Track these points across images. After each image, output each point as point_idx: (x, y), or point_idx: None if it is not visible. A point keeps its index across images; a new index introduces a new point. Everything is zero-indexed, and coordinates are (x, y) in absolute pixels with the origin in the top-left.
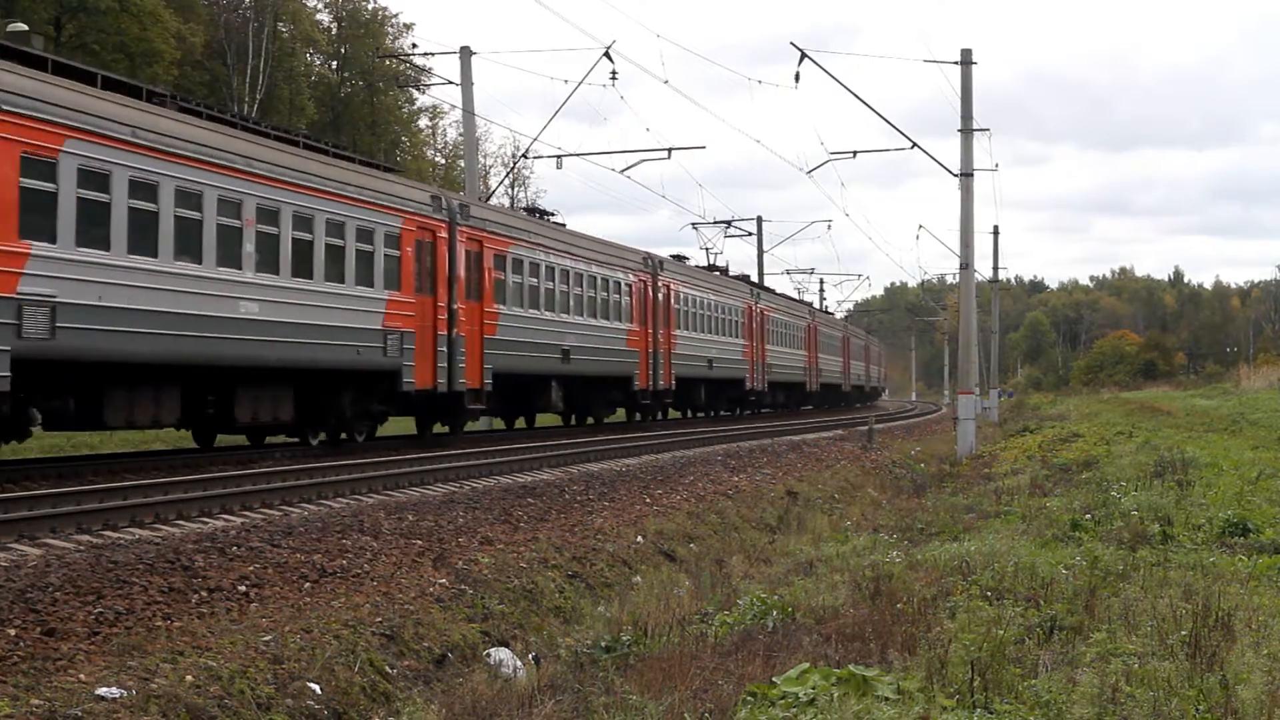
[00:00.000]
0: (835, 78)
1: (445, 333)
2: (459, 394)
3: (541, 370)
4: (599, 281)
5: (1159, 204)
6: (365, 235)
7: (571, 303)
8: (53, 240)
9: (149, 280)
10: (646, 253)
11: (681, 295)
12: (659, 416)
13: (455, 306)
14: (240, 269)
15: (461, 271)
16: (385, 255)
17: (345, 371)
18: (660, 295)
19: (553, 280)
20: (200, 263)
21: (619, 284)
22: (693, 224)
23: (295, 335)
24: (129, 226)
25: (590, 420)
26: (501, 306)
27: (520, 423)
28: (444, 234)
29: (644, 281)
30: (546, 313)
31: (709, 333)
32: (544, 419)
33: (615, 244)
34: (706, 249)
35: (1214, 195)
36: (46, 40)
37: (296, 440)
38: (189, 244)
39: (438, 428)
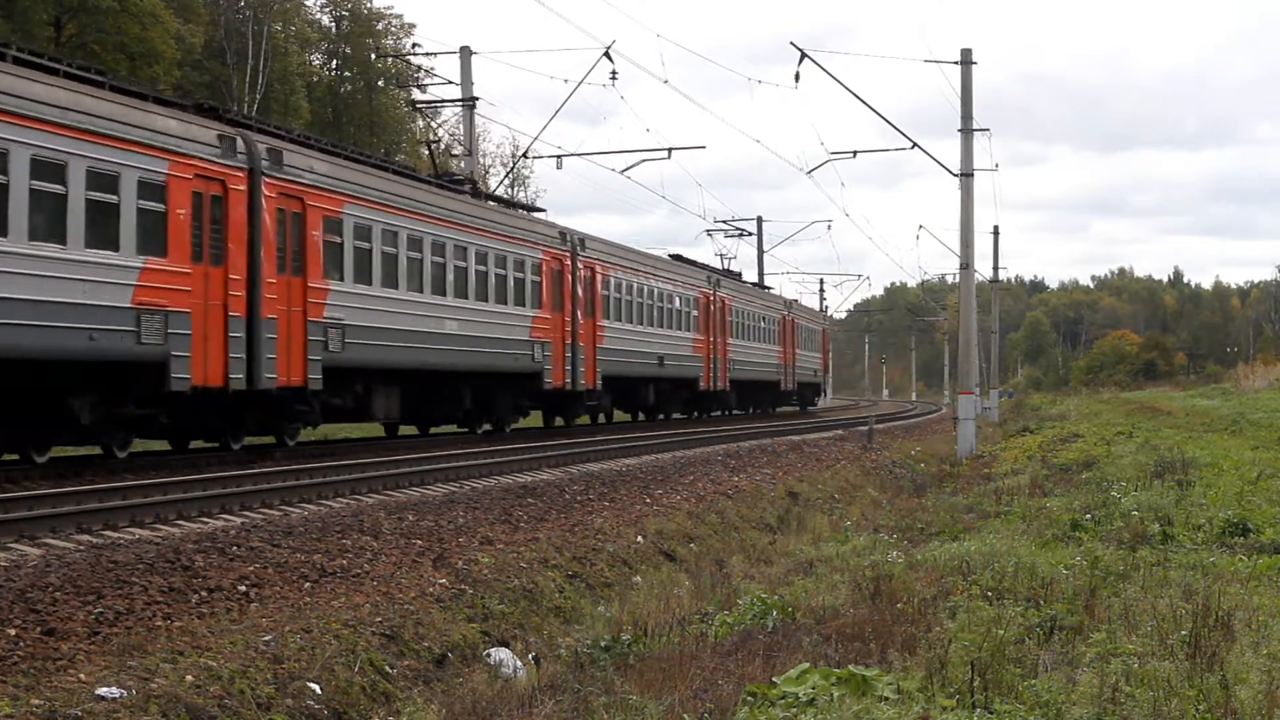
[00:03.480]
0: (835, 77)
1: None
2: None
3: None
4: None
5: (1155, 204)
6: (519, 265)
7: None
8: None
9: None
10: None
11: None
12: (593, 420)
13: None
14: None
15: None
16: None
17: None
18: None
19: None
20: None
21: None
22: (708, 231)
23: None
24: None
25: (429, 428)
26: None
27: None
28: (568, 262)
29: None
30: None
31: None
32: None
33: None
34: (721, 254)
35: (1210, 195)
36: (46, 41)
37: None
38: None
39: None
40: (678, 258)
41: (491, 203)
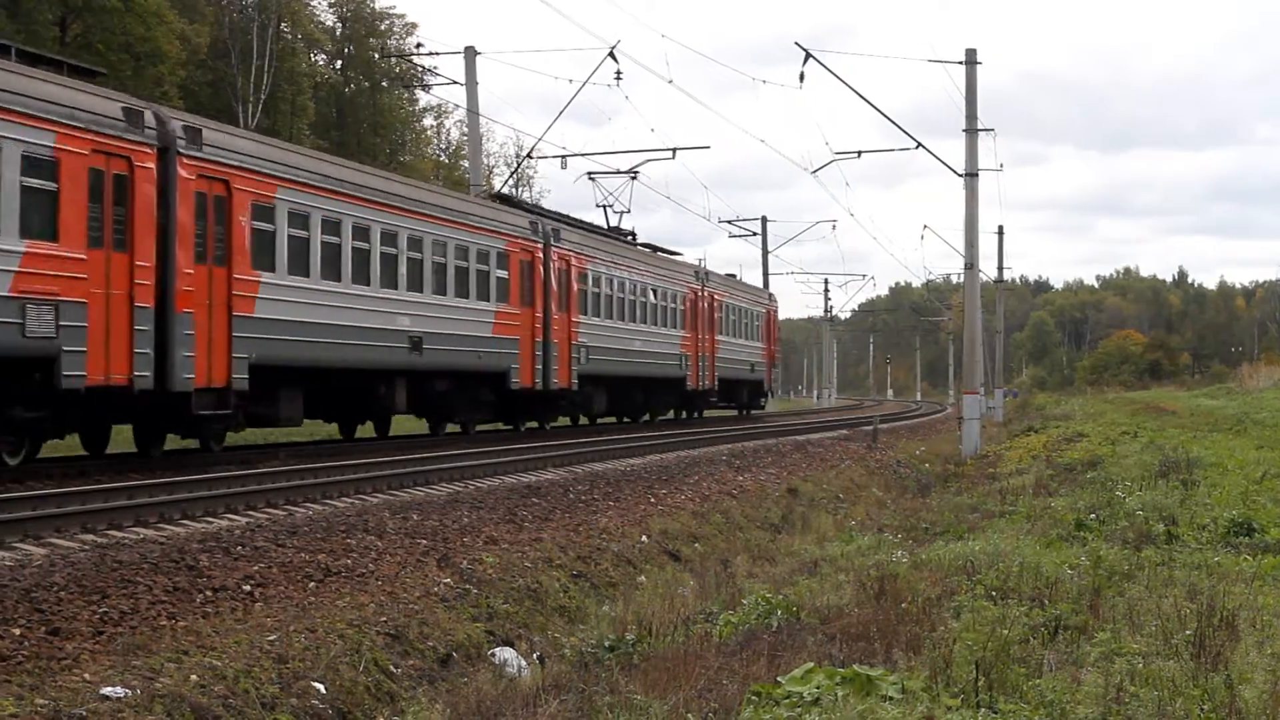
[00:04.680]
0: (839, 77)
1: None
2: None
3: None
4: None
5: (1158, 204)
6: (482, 256)
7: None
8: (420, 291)
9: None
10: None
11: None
12: (573, 422)
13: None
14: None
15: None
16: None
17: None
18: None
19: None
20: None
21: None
22: (730, 234)
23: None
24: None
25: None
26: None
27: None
28: (539, 254)
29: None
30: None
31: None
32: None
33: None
34: (605, 206)
35: (1212, 196)
36: (52, 41)
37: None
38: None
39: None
40: (655, 248)
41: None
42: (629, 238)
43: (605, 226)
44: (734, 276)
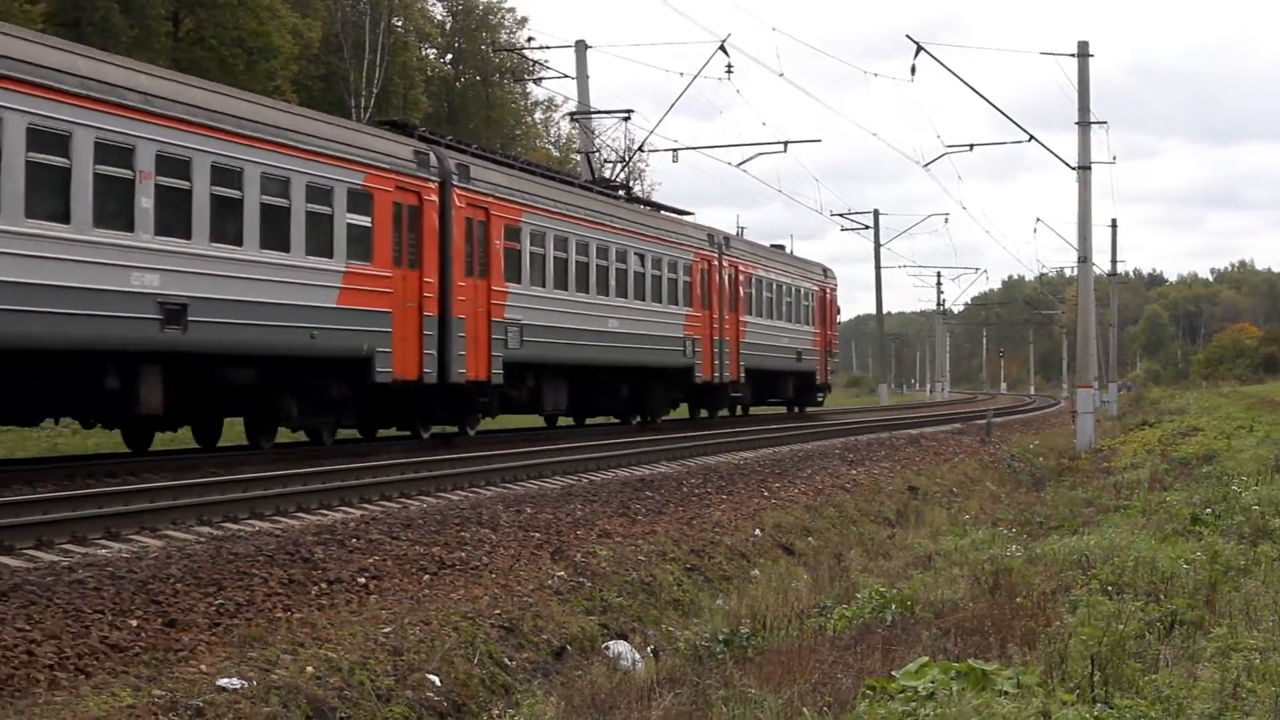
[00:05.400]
0: (951, 70)
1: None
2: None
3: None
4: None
5: (1271, 197)
6: (672, 266)
7: None
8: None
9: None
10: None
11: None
12: (551, 422)
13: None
14: (609, 296)
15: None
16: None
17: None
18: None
19: None
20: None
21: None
22: (841, 227)
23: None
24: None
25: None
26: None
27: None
28: (715, 261)
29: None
30: None
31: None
32: None
33: (677, 219)
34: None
35: None
36: (164, 35)
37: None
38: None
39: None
40: (659, 206)
41: (644, 206)
42: (620, 192)
43: (568, 175)
44: (781, 248)
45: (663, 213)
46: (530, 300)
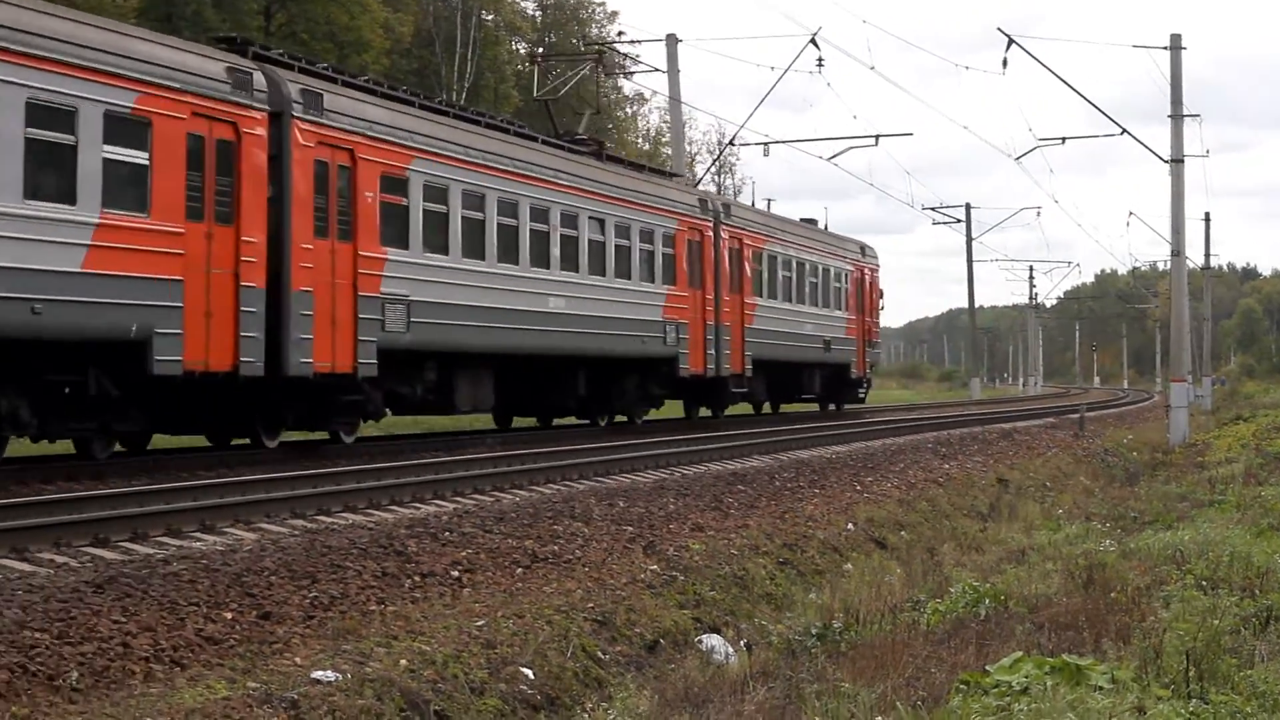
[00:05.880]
0: (1043, 63)
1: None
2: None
3: None
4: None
5: None
6: (646, 235)
7: None
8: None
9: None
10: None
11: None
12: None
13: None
14: (550, 268)
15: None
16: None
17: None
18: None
19: None
20: (542, 266)
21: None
22: (933, 221)
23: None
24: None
25: None
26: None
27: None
28: (709, 233)
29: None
30: None
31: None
32: None
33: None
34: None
35: None
36: (256, 29)
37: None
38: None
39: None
40: (640, 166)
41: (621, 166)
42: (591, 147)
43: (505, 121)
44: (813, 222)
45: (637, 172)
46: (422, 271)
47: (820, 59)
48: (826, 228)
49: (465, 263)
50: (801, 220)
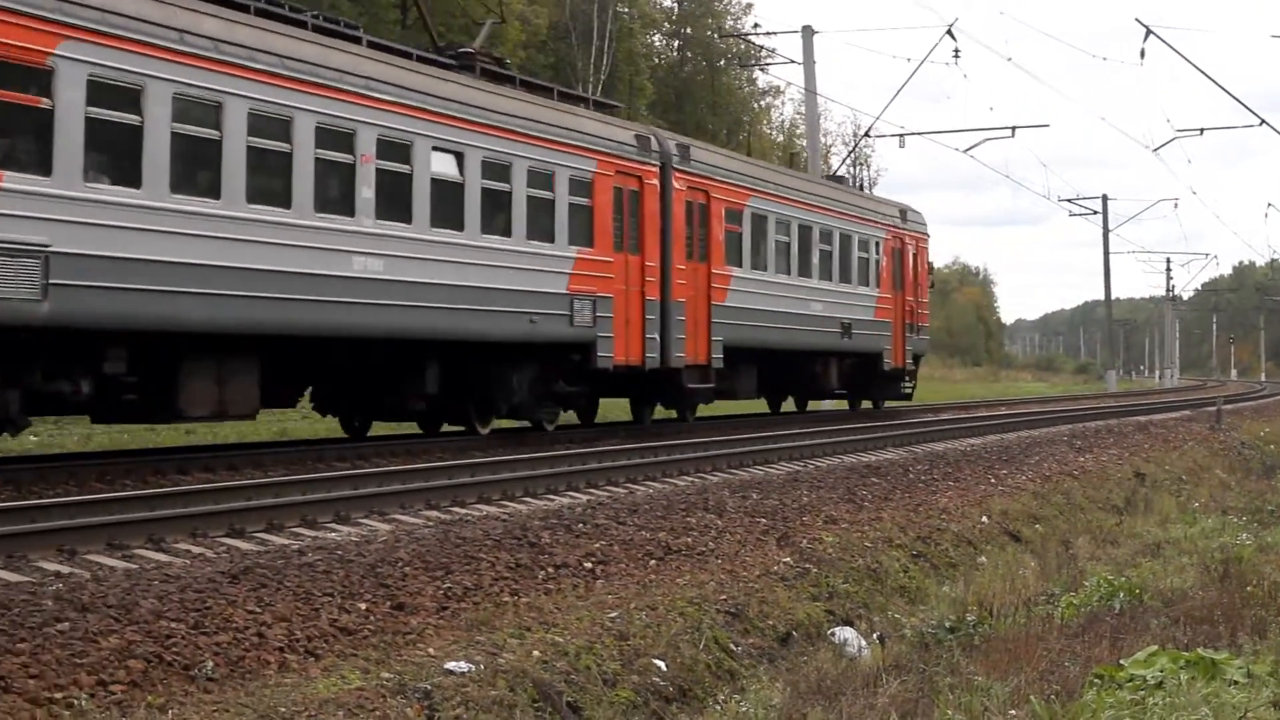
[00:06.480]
0: (1181, 54)
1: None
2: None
3: None
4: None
5: None
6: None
7: None
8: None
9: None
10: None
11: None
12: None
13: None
14: (354, 217)
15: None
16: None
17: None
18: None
19: None
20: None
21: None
22: (1069, 213)
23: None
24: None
25: None
26: None
27: None
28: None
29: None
30: None
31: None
32: None
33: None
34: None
35: None
36: (393, 23)
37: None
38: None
39: None
40: (565, 94)
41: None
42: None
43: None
44: (842, 180)
45: (537, 97)
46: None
47: (956, 50)
48: (869, 188)
49: (261, 213)
50: (829, 179)
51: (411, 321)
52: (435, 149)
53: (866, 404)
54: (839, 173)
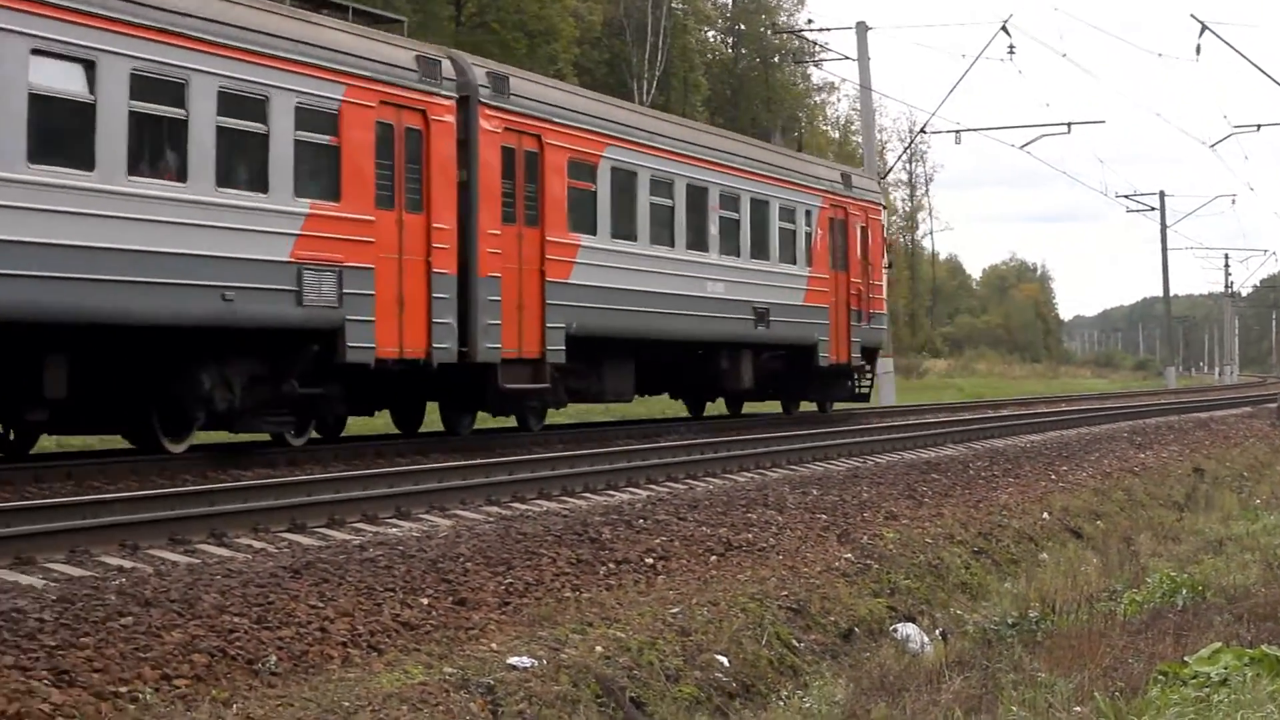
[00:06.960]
0: (1237, 49)
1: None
2: None
3: None
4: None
5: None
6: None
7: None
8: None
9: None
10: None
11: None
12: None
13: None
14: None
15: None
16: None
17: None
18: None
19: None
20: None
21: None
22: (1126, 209)
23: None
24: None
25: None
26: None
27: None
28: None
29: None
30: None
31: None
32: None
33: None
34: None
35: None
36: (447, 19)
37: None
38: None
39: None
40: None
41: None
42: None
43: None
44: (767, 136)
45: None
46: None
47: (1011, 46)
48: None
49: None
50: (749, 141)
51: (9, 296)
52: (35, 51)
53: (809, 407)
54: (890, 170)
